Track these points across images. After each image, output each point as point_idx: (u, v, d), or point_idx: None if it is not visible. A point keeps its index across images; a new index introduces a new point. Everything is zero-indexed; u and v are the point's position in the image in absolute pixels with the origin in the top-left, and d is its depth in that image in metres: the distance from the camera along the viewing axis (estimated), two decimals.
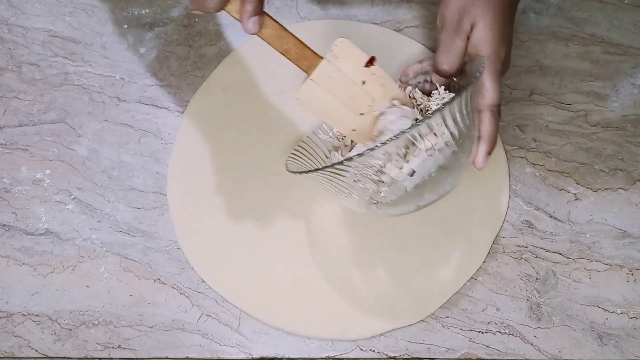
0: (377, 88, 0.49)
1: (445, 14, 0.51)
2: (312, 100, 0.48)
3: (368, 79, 0.48)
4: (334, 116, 0.49)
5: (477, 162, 0.50)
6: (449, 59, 0.50)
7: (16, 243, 0.59)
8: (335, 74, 0.47)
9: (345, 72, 0.48)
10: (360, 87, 0.48)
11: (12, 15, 0.64)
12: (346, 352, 0.57)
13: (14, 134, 0.61)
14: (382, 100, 0.49)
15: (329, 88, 0.48)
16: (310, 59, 0.47)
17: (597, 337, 0.57)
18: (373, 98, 0.49)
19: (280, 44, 0.47)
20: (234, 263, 0.58)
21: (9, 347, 0.57)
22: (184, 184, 0.60)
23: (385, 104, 0.49)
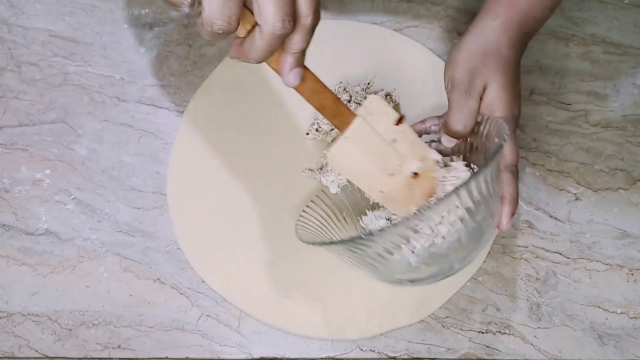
0: (406, 147, 0.46)
1: (454, 75, 0.50)
2: (343, 159, 0.46)
3: (398, 137, 0.46)
4: (363, 176, 0.46)
5: (502, 225, 0.47)
6: (462, 120, 0.49)
7: (16, 243, 0.59)
8: (368, 132, 0.45)
9: (377, 130, 0.45)
10: (390, 146, 0.46)
11: (12, 15, 0.64)
12: (346, 352, 0.57)
13: (14, 134, 0.61)
14: (411, 159, 0.46)
15: (362, 147, 0.45)
16: (345, 116, 0.45)
17: (597, 337, 0.57)
18: (403, 157, 0.46)
19: (318, 100, 0.44)
20: (234, 263, 0.58)
21: (9, 347, 0.57)
22: (184, 184, 0.60)
23: (416, 165, 0.47)
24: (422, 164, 0.47)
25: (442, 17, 0.63)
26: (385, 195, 0.47)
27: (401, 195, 0.47)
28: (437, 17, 0.63)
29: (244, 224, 0.59)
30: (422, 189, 0.48)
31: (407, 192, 0.47)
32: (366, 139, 0.45)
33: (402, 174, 0.46)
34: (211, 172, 0.60)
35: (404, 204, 0.48)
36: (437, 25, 0.63)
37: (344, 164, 0.46)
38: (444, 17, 0.63)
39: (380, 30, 0.62)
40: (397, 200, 0.48)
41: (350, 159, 0.46)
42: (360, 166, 0.46)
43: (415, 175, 0.47)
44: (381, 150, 0.46)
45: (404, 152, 0.46)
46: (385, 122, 0.45)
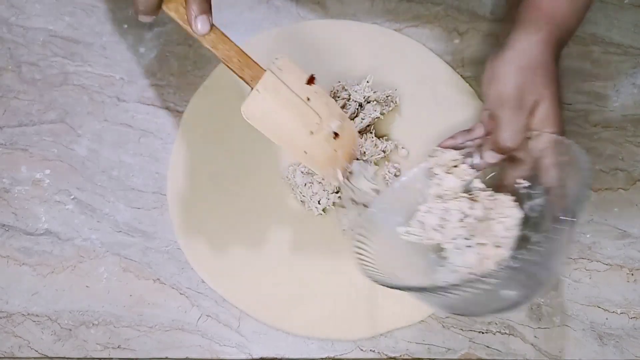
0: (322, 106, 0.46)
1: (503, 91, 0.49)
2: (260, 114, 0.45)
3: (312, 96, 0.46)
4: (284, 133, 0.46)
5: None
6: (513, 136, 0.49)
7: (16, 243, 0.59)
8: (280, 86, 0.44)
9: (290, 87, 0.45)
10: (305, 104, 0.45)
11: (12, 15, 0.64)
12: (346, 352, 0.57)
13: (14, 134, 0.61)
14: (329, 119, 0.46)
15: (277, 101, 0.45)
16: (253, 69, 0.44)
17: (597, 337, 0.57)
18: (320, 116, 0.46)
19: (224, 50, 0.44)
20: (234, 263, 0.58)
21: (9, 347, 0.57)
22: (184, 184, 0.60)
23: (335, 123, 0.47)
24: (341, 124, 0.46)
25: (442, 17, 0.63)
26: (309, 156, 0.46)
27: (324, 156, 0.47)
28: (437, 17, 0.63)
29: (244, 224, 0.59)
30: (343, 150, 0.47)
31: (330, 152, 0.47)
32: (280, 93, 0.44)
33: (322, 132, 0.46)
34: (211, 172, 0.60)
35: (327, 165, 0.47)
36: (437, 25, 0.63)
37: (262, 120, 0.45)
38: (444, 17, 0.63)
39: (380, 30, 0.62)
40: (320, 161, 0.47)
41: (267, 114, 0.44)
42: (279, 121, 0.45)
43: (336, 135, 0.46)
44: (297, 106, 0.45)
45: (320, 110, 0.46)
46: (297, 80, 0.45)
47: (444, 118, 0.60)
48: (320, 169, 0.49)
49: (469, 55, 0.62)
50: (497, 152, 0.51)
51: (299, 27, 0.63)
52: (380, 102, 0.58)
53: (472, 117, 0.60)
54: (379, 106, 0.57)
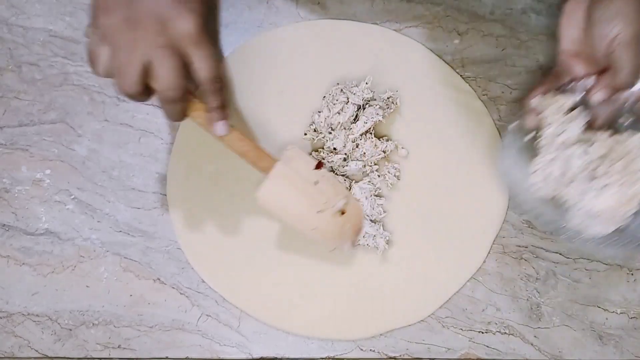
0: (329, 187, 0.52)
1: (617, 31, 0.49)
2: (272, 199, 0.51)
3: (320, 179, 0.51)
4: (294, 214, 0.51)
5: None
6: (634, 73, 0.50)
7: (16, 243, 0.59)
8: (290, 173, 0.51)
9: (299, 173, 0.51)
10: (313, 187, 0.51)
11: (12, 15, 0.64)
12: (346, 352, 0.57)
13: (14, 134, 0.61)
14: (335, 199, 0.52)
15: (287, 187, 0.51)
16: (266, 161, 0.51)
17: (597, 337, 0.57)
18: (327, 197, 0.51)
19: (241, 147, 0.51)
20: (234, 263, 0.58)
21: (9, 347, 0.57)
22: (184, 184, 0.60)
23: (341, 202, 0.52)
24: (346, 201, 0.52)
25: (442, 17, 0.63)
26: (318, 231, 0.52)
27: (333, 231, 0.52)
28: (437, 17, 0.63)
29: (244, 224, 0.59)
30: (351, 224, 0.53)
31: (339, 228, 0.52)
32: (290, 180, 0.51)
33: (329, 210, 0.51)
34: (211, 172, 0.60)
35: (337, 240, 0.53)
36: (437, 25, 0.63)
37: (274, 203, 0.51)
38: (444, 17, 0.63)
39: (380, 30, 0.62)
40: (330, 236, 0.52)
41: (278, 198, 0.51)
42: (289, 205, 0.51)
43: (343, 212, 0.52)
44: (306, 189, 0.51)
45: (327, 192, 0.52)
46: (305, 166, 0.52)
47: (444, 118, 0.60)
48: (329, 242, 0.53)
49: (469, 55, 0.62)
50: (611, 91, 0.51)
51: (299, 27, 0.63)
52: (382, 106, 0.58)
53: (472, 117, 0.60)
54: (381, 109, 0.57)
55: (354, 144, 0.58)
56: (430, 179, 0.59)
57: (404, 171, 0.59)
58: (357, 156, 0.58)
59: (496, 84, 0.61)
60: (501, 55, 0.62)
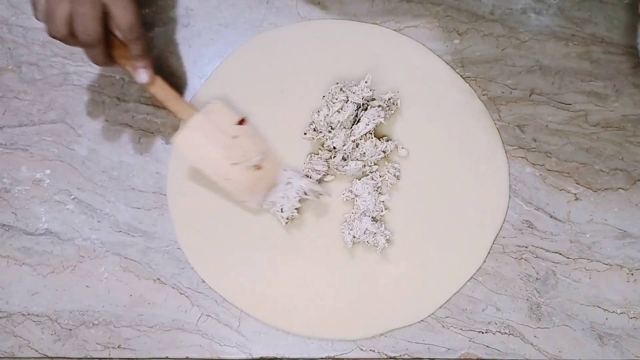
0: (248, 143, 0.56)
1: None
2: (189, 146, 0.55)
3: (240, 134, 0.56)
4: (208, 162, 0.55)
5: None
6: None
7: (16, 243, 0.59)
8: (208, 124, 0.55)
9: (218, 125, 0.55)
10: (231, 140, 0.55)
11: (12, 15, 0.64)
12: (346, 352, 0.57)
13: (14, 134, 0.61)
14: (252, 154, 0.56)
15: (203, 136, 0.55)
16: (187, 111, 0.55)
17: (597, 337, 0.57)
18: (244, 151, 0.55)
19: (164, 94, 0.56)
20: (234, 263, 0.58)
21: (9, 347, 0.57)
22: (184, 184, 0.60)
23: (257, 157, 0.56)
24: (262, 157, 0.56)
25: (442, 17, 0.63)
26: (231, 182, 0.55)
27: (246, 184, 0.56)
28: (437, 17, 0.63)
29: (244, 224, 0.59)
30: (265, 180, 0.57)
31: (252, 181, 0.56)
32: (207, 130, 0.55)
33: (244, 164, 0.55)
34: None
35: (249, 192, 0.56)
36: (437, 25, 0.63)
37: (190, 151, 0.55)
38: (444, 17, 0.63)
39: (380, 30, 0.62)
40: (243, 187, 0.56)
41: (195, 146, 0.55)
42: (204, 154, 0.55)
43: (258, 167, 0.56)
44: (222, 141, 0.55)
45: (246, 146, 0.56)
46: (227, 120, 0.56)
47: (444, 118, 0.60)
48: (239, 194, 0.56)
49: (469, 55, 0.62)
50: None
51: (299, 27, 0.63)
52: (384, 107, 0.58)
53: (472, 117, 0.60)
54: (383, 111, 0.57)
55: (354, 143, 0.58)
56: (430, 179, 0.59)
57: (404, 171, 0.59)
58: (356, 156, 0.58)
59: (496, 84, 0.61)
60: (501, 55, 0.62)
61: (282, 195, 0.57)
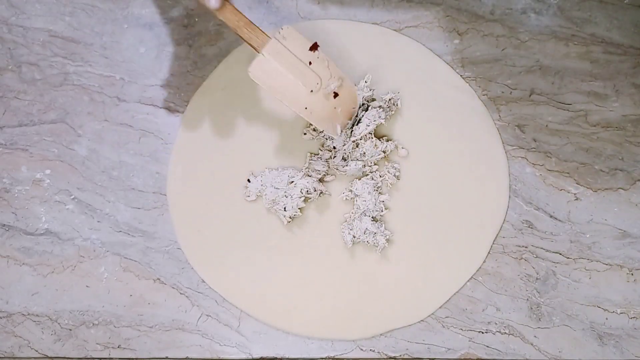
0: (323, 69, 0.53)
1: None
2: (265, 75, 0.52)
3: (314, 61, 0.53)
4: (286, 91, 0.53)
5: None
6: None
7: (16, 243, 0.59)
8: (284, 51, 0.52)
9: (293, 52, 0.52)
10: (307, 67, 0.53)
11: (12, 15, 0.64)
12: (346, 352, 0.57)
13: (14, 134, 0.61)
14: (328, 80, 0.53)
15: (281, 64, 0.52)
16: (261, 37, 0.52)
17: (597, 337, 0.57)
18: (320, 77, 0.53)
19: (235, 21, 0.52)
20: (234, 263, 0.58)
21: (9, 347, 0.57)
22: (184, 184, 0.60)
23: (334, 84, 0.53)
24: (340, 84, 0.54)
25: (442, 17, 0.63)
26: (309, 111, 0.53)
27: (325, 112, 0.54)
28: (437, 17, 0.63)
29: (244, 224, 0.59)
30: (343, 108, 0.55)
31: (330, 109, 0.54)
32: (283, 57, 0.52)
33: (322, 91, 0.53)
34: (211, 172, 0.60)
35: (328, 121, 0.54)
36: (437, 25, 0.63)
37: (267, 80, 0.52)
38: (444, 17, 0.63)
39: (380, 30, 0.62)
40: (321, 116, 0.54)
41: (271, 75, 0.52)
42: (282, 82, 0.52)
43: (335, 94, 0.54)
44: (299, 68, 0.52)
45: (321, 73, 0.53)
46: (300, 46, 0.53)
47: (444, 118, 0.60)
48: (319, 123, 0.54)
49: (469, 55, 0.62)
50: None
51: (299, 27, 0.63)
52: (384, 107, 0.58)
53: (472, 117, 0.60)
54: (383, 112, 0.58)
55: (354, 143, 0.58)
56: (430, 179, 0.59)
57: (404, 171, 0.59)
58: (356, 156, 0.58)
59: (496, 84, 0.61)
60: (501, 55, 0.62)
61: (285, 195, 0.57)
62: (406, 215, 0.58)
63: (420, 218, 0.58)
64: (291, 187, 0.57)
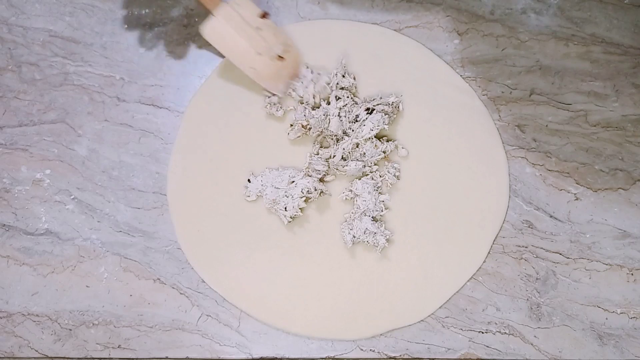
0: (270, 35, 0.59)
1: None
2: (216, 35, 0.58)
3: (263, 27, 0.58)
4: (235, 51, 0.58)
5: None
6: None
7: (16, 243, 0.59)
8: (235, 15, 0.58)
9: (243, 16, 0.58)
10: (256, 31, 0.58)
11: (12, 15, 0.64)
12: (346, 352, 0.57)
13: (14, 134, 0.61)
14: (275, 45, 0.58)
15: (231, 26, 0.57)
16: (215, 1, 0.58)
17: (597, 337, 0.57)
18: (268, 42, 0.58)
19: None
20: (234, 263, 0.58)
21: (9, 347, 0.57)
22: (184, 184, 0.60)
23: (279, 48, 0.58)
24: (285, 48, 0.59)
25: (442, 17, 0.63)
26: (256, 71, 0.59)
27: (270, 73, 0.59)
28: (437, 17, 0.63)
29: (244, 224, 0.59)
30: (287, 70, 0.60)
31: (275, 71, 0.59)
32: (233, 20, 0.57)
33: (268, 54, 0.58)
34: (211, 172, 0.60)
35: (272, 80, 0.59)
36: (437, 25, 0.63)
37: (218, 39, 0.58)
38: (444, 17, 0.63)
39: (381, 30, 0.62)
40: (267, 77, 0.59)
41: (222, 35, 0.58)
42: (232, 43, 0.58)
43: (281, 58, 0.59)
44: (248, 31, 0.58)
45: (269, 38, 0.58)
46: (250, 12, 0.58)
47: (444, 118, 0.60)
48: (264, 82, 0.59)
49: (469, 55, 0.62)
50: None
51: (299, 27, 0.63)
52: (388, 111, 0.58)
53: (472, 117, 0.60)
54: (387, 116, 0.58)
55: (354, 144, 0.58)
56: (430, 179, 0.59)
57: (404, 171, 0.59)
58: (357, 156, 0.58)
59: (496, 84, 0.61)
60: (501, 55, 0.62)
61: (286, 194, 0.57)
62: (406, 215, 0.58)
63: (420, 218, 0.58)
64: (292, 187, 0.57)
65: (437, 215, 0.58)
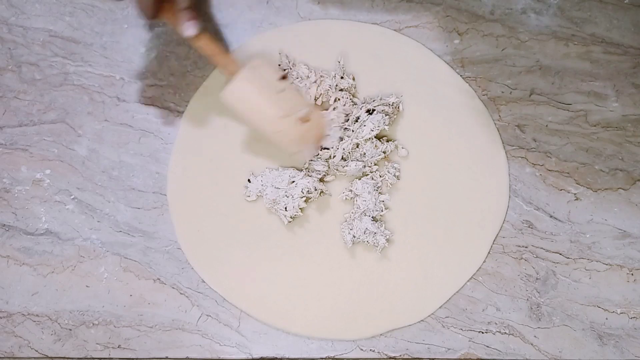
0: (293, 97, 0.56)
1: None
2: (239, 98, 0.54)
3: (285, 89, 0.56)
4: (258, 116, 0.55)
5: None
6: None
7: (16, 243, 0.59)
8: (256, 78, 0.54)
9: (265, 79, 0.55)
10: (278, 94, 0.55)
11: (12, 15, 0.64)
12: (346, 352, 0.57)
13: (14, 134, 0.61)
14: (298, 107, 0.56)
15: (252, 89, 0.54)
16: (234, 65, 0.55)
17: (597, 337, 0.57)
18: (291, 104, 0.55)
19: (211, 49, 0.55)
20: (234, 263, 0.58)
21: (9, 347, 0.57)
22: (184, 184, 0.60)
23: (304, 110, 0.56)
24: (309, 110, 0.56)
25: (442, 17, 0.63)
26: (280, 134, 0.56)
27: (295, 136, 0.56)
28: (437, 17, 0.63)
29: (244, 224, 0.59)
30: (313, 133, 0.57)
31: (300, 133, 0.56)
32: (255, 84, 0.54)
33: (293, 116, 0.55)
34: (211, 172, 0.60)
35: (298, 144, 0.56)
36: (437, 25, 0.63)
37: (239, 105, 0.55)
38: (444, 17, 0.63)
39: (381, 30, 0.62)
40: (292, 139, 0.56)
41: (243, 101, 0.54)
42: (253, 107, 0.54)
43: (305, 120, 0.56)
44: (270, 95, 0.55)
45: (292, 100, 0.56)
46: (271, 75, 0.56)
47: (444, 118, 0.60)
48: (290, 146, 0.56)
49: (469, 55, 0.62)
50: None
51: (299, 27, 0.63)
52: (388, 112, 0.58)
53: (472, 117, 0.60)
54: (388, 117, 0.58)
55: (354, 144, 0.58)
56: (430, 179, 0.59)
57: (404, 171, 0.59)
58: (356, 156, 0.58)
59: (496, 84, 0.61)
60: (501, 55, 0.62)
61: (286, 194, 0.57)
62: (406, 215, 0.58)
63: (420, 218, 0.58)
64: (292, 187, 0.57)
65: (437, 215, 0.58)
